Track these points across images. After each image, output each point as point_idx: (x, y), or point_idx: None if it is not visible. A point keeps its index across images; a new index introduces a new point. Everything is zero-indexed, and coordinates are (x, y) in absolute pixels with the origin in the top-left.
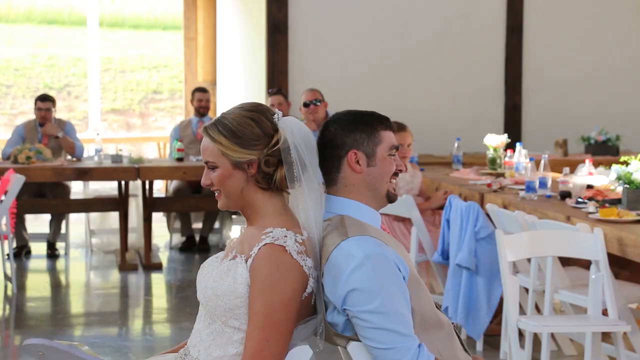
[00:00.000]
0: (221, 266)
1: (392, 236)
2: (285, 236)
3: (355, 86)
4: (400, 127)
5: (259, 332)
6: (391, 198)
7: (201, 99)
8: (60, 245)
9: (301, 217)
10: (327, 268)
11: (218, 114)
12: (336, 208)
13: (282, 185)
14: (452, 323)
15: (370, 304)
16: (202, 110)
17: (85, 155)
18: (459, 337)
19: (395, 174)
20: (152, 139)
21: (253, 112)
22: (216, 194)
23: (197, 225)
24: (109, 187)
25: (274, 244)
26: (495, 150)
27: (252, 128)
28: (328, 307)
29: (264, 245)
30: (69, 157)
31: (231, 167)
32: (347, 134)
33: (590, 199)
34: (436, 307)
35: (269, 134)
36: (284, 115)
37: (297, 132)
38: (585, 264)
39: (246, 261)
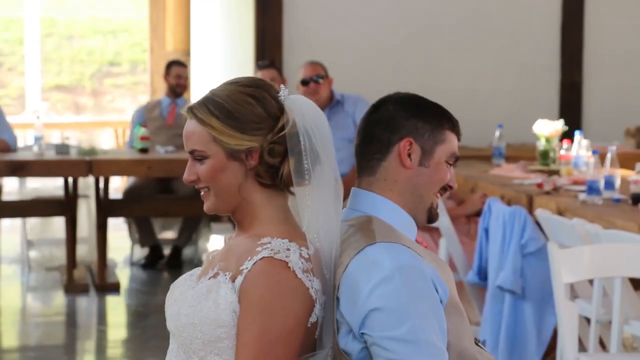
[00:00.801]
0: (198, 286)
1: (430, 251)
2: (288, 249)
3: (368, 59)
4: None
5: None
6: (432, 216)
7: (180, 74)
8: None
9: (305, 223)
10: (345, 278)
11: (193, 93)
12: (365, 206)
13: (289, 181)
14: None
15: (397, 329)
16: (179, 89)
17: (21, 144)
18: None
19: (444, 189)
20: (108, 124)
21: (253, 88)
22: (202, 192)
23: (166, 235)
24: (52, 186)
25: (274, 258)
26: (547, 140)
27: (252, 107)
28: (341, 328)
29: (260, 259)
30: None
31: (225, 158)
32: (409, 118)
33: None
34: (475, 342)
35: (274, 115)
36: None
37: (307, 113)
38: None
39: (233, 280)
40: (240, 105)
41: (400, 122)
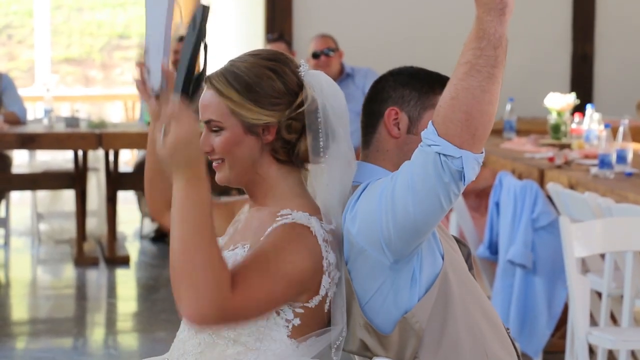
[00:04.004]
0: None
1: (442, 226)
2: (309, 219)
3: (378, 32)
4: None
5: (242, 268)
6: None
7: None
8: None
9: (321, 199)
10: (347, 232)
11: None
12: (359, 176)
13: (305, 158)
14: (507, 328)
15: (398, 182)
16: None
17: (31, 117)
18: (515, 349)
19: None
20: (118, 97)
21: (273, 62)
22: (214, 163)
23: None
24: (61, 159)
25: (296, 223)
26: (559, 114)
27: (272, 82)
28: (401, 279)
29: (280, 224)
30: None
31: (242, 131)
32: (396, 88)
33: None
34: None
35: (293, 91)
36: None
37: (326, 89)
38: None
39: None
40: (260, 79)
41: (388, 93)
